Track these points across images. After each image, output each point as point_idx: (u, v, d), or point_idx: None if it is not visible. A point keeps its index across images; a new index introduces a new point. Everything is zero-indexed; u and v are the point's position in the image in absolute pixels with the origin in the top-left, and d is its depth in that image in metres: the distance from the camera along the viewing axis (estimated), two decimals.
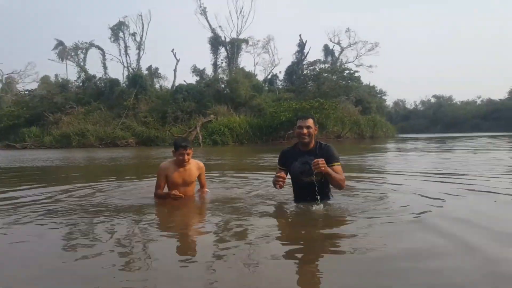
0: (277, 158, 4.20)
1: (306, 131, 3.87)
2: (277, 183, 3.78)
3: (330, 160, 3.79)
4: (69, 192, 5.64)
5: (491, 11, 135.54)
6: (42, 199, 4.98)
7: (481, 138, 31.02)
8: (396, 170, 7.88)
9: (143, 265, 2.33)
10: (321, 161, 3.56)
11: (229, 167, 10.34)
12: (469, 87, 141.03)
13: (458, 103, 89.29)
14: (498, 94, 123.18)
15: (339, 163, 3.86)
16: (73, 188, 6.04)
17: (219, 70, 45.72)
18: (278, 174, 3.83)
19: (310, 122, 3.90)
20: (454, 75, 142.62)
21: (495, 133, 52.31)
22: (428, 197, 4.30)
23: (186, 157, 4.35)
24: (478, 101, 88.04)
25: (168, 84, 46.71)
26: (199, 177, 4.69)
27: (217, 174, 7.71)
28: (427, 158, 11.59)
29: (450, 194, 4.49)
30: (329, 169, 3.65)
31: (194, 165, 4.60)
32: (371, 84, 50.28)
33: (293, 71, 46.77)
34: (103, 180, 7.41)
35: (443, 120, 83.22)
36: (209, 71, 46.13)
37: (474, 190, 4.77)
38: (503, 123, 71.78)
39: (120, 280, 2.09)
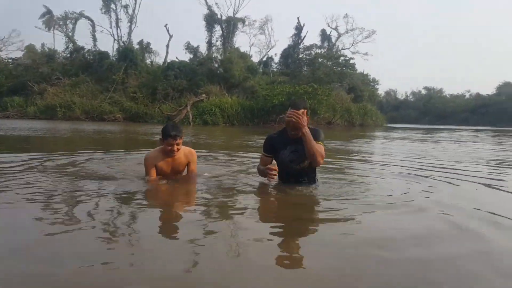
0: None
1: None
2: (269, 176, 3.60)
3: (315, 138, 3.59)
4: (51, 160, 5.51)
5: (485, 7, 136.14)
6: (18, 167, 4.80)
7: (467, 131, 31.57)
8: (382, 156, 8.31)
9: (127, 242, 2.23)
10: (303, 115, 3.47)
11: (219, 147, 10.22)
12: (460, 81, 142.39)
13: (447, 96, 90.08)
14: (487, 90, 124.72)
15: (323, 144, 3.66)
16: (55, 157, 5.91)
17: (213, 49, 44.75)
18: (271, 167, 3.63)
19: (302, 112, 3.57)
20: (446, 68, 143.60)
21: (481, 127, 53.35)
22: (413, 182, 4.42)
23: (175, 147, 3.87)
24: (467, 95, 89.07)
25: (159, 60, 45.52)
26: (188, 165, 4.21)
27: (205, 153, 7.56)
28: (413, 146, 12.01)
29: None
30: (307, 129, 3.50)
31: (184, 153, 4.12)
32: (364, 72, 50.05)
33: (289, 54, 45.96)
34: (88, 151, 7.32)
35: (432, 112, 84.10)
36: (203, 49, 45.12)
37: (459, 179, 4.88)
38: (490, 118, 72.96)
39: (106, 256, 1.98)
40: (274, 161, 3.87)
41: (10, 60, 45.85)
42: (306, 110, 3.62)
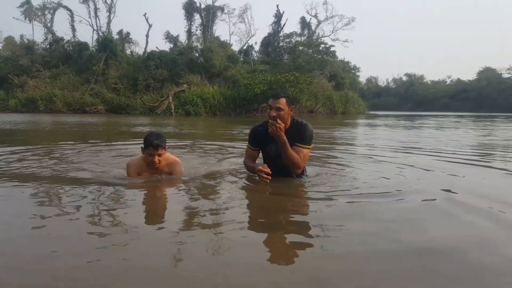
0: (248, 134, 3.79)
1: (276, 113, 3.35)
2: (262, 180, 3.30)
3: (301, 141, 3.46)
4: (33, 151, 5.67)
5: None
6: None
7: (449, 117, 32.23)
8: (367, 144, 8.27)
9: (115, 231, 2.29)
10: (280, 126, 3.25)
11: (202, 137, 10.32)
12: (440, 66, 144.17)
13: (428, 82, 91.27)
14: (467, 75, 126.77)
15: (308, 147, 3.50)
16: (36, 149, 6.02)
17: (193, 38, 44.65)
18: (263, 170, 3.29)
19: (282, 102, 3.36)
20: (427, 53, 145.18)
21: (462, 112, 54.32)
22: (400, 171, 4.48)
23: (156, 158, 3.53)
24: (448, 81, 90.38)
25: (139, 50, 45.33)
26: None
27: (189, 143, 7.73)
28: (398, 133, 12.30)
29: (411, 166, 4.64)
30: (284, 138, 3.29)
31: (168, 162, 3.75)
32: (345, 60, 50.57)
33: (269, 42, 46.15)
34: (69, 142, 7.39)
35: (413, 99, 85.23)
36: (182, 38, 45.02)
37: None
38: (471, 104, 74.37)
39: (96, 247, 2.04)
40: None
41: None
42: (287, 99, 3.39)
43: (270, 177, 3.29)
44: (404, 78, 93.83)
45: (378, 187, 3.49)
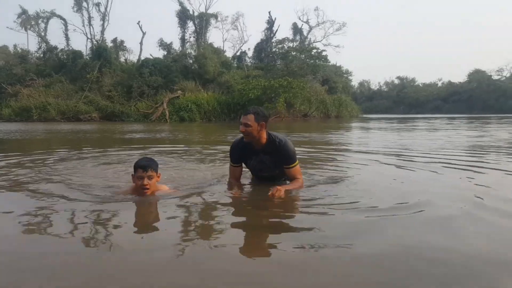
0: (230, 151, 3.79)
1: (243, 129, 3.46)
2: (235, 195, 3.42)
3: (288, 161, 3.56)
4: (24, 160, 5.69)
5: None
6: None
7: (441, 119, 32.59)
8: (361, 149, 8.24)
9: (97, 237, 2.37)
10: (278, 192, 3.18)
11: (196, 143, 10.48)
12: (432, 69, 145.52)
13: (420, 85, 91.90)
14: (458, 77, 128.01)
15: (296, 163, 3.60)
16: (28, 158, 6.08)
17: (187, 45, 44.89)
18: (235, 192, 3.47)
19: (250, 118, 3.43)
20: (417, 56, 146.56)
21: (454, 114, 54.81)
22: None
23: (145, 181, 3.19)
24: (439, 84, 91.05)
25: (133, 58, 45.46)
26: None
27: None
28: (396, 136, 12.39)
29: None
30: (286, 189, 3.32)
31: (158, 193, 3.40)
32: (337, 64, 50.98)
33: (262, 48, 46.56)
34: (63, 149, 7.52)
35: (405, 101, 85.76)
36: (176, 45, 45.25)
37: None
38: (462, 105, 75.03)
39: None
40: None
41: None
42: (255, 115, 3.43)
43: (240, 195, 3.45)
44: (396, 81, 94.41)
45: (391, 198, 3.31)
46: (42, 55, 43.30)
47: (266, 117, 3.51)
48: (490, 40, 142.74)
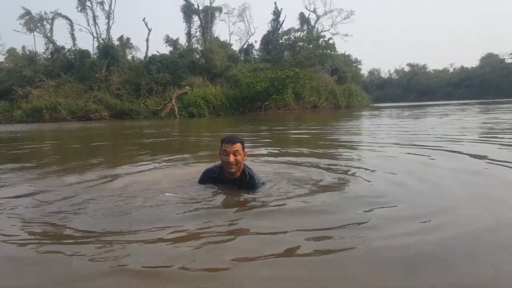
0: (202, 175, 3.74)
1: (233, 158, 3.35)
2: None
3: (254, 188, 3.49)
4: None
5: None
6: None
7: (455, 105, 31.98)
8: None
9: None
10: None
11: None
12: (443, 54, 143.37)
13: (431, 71, 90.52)
14: (470, 62, 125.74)
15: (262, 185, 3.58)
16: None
17: (193, 40, 44.74)
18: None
19: (238, 147, 3.37)
20: (429, 41, 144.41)
21: (467, 100, 53.92)
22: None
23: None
24: (451, 69, 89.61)
25: (140, 55, 45.49)
26: None
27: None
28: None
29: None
30: None
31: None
32: (346, 53, 50.42)
33: (269, 40, 46.21)
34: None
35: (417, 89, 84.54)
36: (182, 40, 45.12)
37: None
38: (474, 91, 73.72)
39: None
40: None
41: None
42: (242, 144, 3.42)
43: None
44: (407, 69, 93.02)
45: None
46: (50, 56, 43.58)
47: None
48: (504, 22, 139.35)
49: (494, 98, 59.33)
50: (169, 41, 43.81)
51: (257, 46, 48.02)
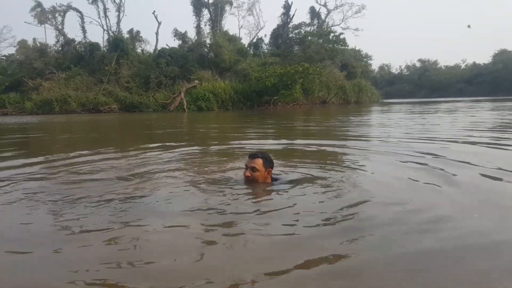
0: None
1: (249, 173, 3.25)
2: None
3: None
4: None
5: None
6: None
7: (467, 102, 31.50)
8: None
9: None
10: None
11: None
12: (455, 50, 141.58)
13: (443, 67, 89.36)
14: (483, 58, 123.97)
15: None
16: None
17: (203, 33, 44.61)
18: None
19: (257, 163, 3.24)
20: (440, 37, 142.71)
21: (478, 97, 53.15)
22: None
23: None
24: (463, 65, 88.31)
25: (150, 48, 45.55)
26: None
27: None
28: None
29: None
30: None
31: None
32: (356, 48, 49.96)
33: (278, 34, 45.85)
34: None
35: (427, 85, 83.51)
36: (192, 34, 45.00)
37: None
38: (487, 88, 72.59)
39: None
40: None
41: (4, 58, 46.02)
42: (264, 160, 3.29)
43: None
44: (418, 64, 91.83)
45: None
46: (60, 48, 43.88)
47: (273, 163, 3.40)
48: None
49: (507, 95, 58.42)
50: (177, 34, 43.75)
51: (266, 40, 47.74)
